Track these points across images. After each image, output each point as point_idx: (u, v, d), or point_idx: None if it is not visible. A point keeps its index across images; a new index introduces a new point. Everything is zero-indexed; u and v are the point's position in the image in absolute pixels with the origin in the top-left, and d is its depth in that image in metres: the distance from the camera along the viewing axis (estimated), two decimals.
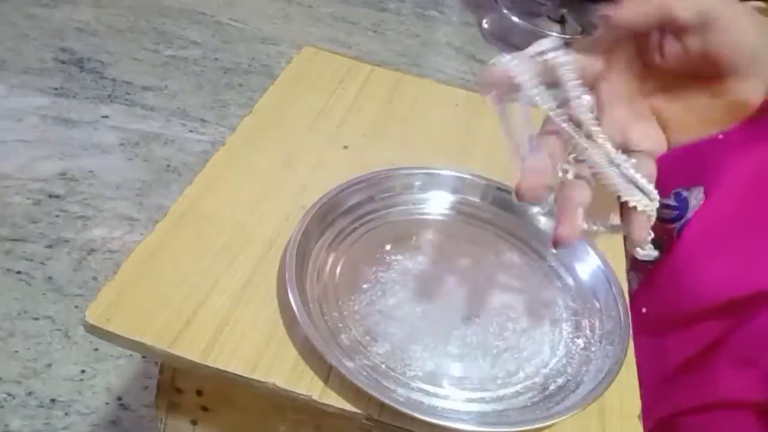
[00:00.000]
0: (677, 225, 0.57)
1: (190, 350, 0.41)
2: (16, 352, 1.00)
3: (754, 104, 0.40)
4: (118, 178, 1.32)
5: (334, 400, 0.40)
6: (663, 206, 0.57)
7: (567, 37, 2.05)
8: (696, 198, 0.57)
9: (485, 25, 2.12)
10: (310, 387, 0.40)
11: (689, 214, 0.56)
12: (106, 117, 1.46)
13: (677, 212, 0.58)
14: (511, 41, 2.07)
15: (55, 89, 1.50)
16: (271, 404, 0.44)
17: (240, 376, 0.40)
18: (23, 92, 1.47)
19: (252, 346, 0.42)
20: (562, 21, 2.05)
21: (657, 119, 0.42)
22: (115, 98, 1.51)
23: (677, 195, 0.58)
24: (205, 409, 0.46)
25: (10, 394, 0.95)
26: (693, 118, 0.42)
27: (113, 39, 1.70)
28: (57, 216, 1.22)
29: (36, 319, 1.05)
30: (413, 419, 0.39)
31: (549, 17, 2.06)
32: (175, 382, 0.45)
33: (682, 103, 0.42)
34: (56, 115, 1.43)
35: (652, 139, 0.42)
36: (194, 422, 0.47)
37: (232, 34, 1.82)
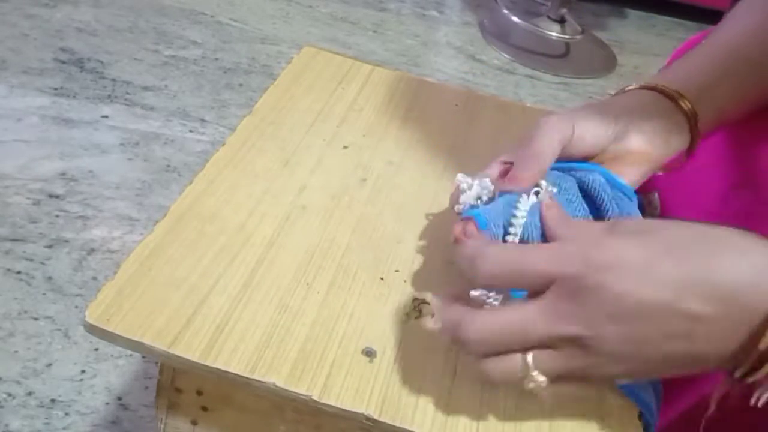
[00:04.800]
0: None
1: (190, 350, 0.41)
2: (16, 352, 1.00)
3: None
4: (118, 178, 1.32)
5: (334, 400, 0.40)
6: None
7: (567, 37, 2.05)
8: None
9: (485, 25, 2.12)
10: (310, 387, 0.40)
11: None
12: (106, 117, 1.46)
13: None
14: (511, 41, 2.07)
15: (55, 89, 1.50)
16: (270, 404, 0.44)
17: (240, 376, 0.40)
18: (23, 92, 1.47)
19: (252, 346, 0.42)
20: (562, 21, 2.05)
21: None
22: (115, 98, 1.51)
23: None
24: (205, 409, 0.46)
25: (10, 394, 0.95)
26: None
27: (113, 39, 1.70)
28: (57, 216, 1.22)
29: (36, 319, 1.05)
30: (413, 419, 0.39)
31: (549, 17, 2.05)
32: (175, 382, 0.45)
33: None
34: (56, 115, 1.43)
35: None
36: (194, 422, 0.47)
37: (232, 34, 1.82)
